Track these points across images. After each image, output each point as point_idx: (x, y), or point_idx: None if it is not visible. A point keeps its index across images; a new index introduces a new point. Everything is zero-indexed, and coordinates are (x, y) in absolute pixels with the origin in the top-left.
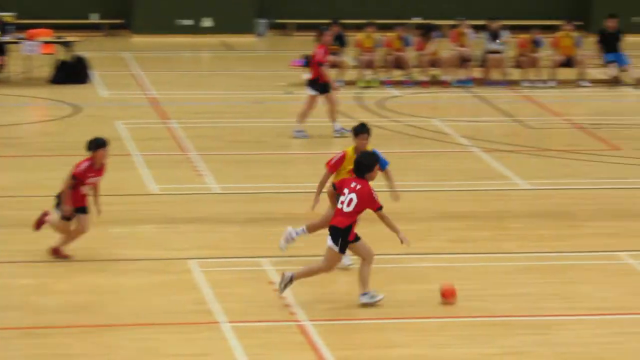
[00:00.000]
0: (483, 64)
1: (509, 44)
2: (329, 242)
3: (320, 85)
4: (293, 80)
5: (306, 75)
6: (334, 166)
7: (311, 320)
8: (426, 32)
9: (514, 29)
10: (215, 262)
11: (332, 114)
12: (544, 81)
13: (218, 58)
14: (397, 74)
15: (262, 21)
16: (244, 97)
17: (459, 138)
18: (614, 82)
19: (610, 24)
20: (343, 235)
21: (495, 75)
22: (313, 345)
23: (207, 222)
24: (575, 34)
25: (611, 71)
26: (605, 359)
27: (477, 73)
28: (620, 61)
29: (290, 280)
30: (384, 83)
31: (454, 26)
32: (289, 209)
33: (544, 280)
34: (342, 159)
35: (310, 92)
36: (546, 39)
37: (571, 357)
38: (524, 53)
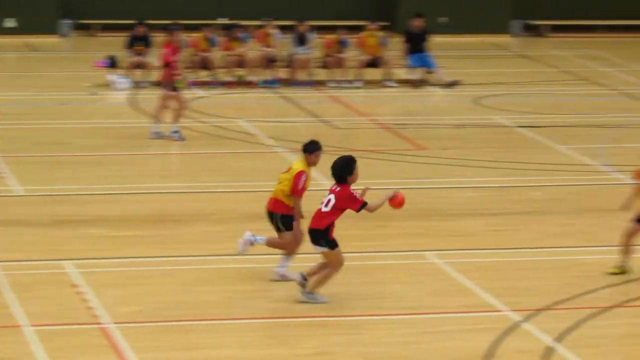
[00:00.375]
0: (289, 64)
1: (315, 45)
2: (315, 248)
3: (169, 84)
4: (97, 81)
5: (111, 75)
6: (302, 190)
7: (115, 323)
8: (232, 32)
9: (320, 29)
10: (18, 265)
11: (174, 114)
12: (350, 81)
13: (22, 59)
14: (203, 75)
15: (66, 22)
16: (49, 99)
17: (265, 139)
18: (420, 82)
19: (417, 23)
20: (324, 235)
21: (301, 75)
22: (116, 348)
23: (10, 225)
24: (380, 33)
25: (416, 73)
26: (412, 358)
27: (283, 73)
28: (425, 62)
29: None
30: (190, 84)
31: (259, 27)
32: (94, 211)
33: (352, 280)
34: (306, 180)
35: (166, 92)
36: (352, 39)
37: (379, 357)
38: (330, 53)
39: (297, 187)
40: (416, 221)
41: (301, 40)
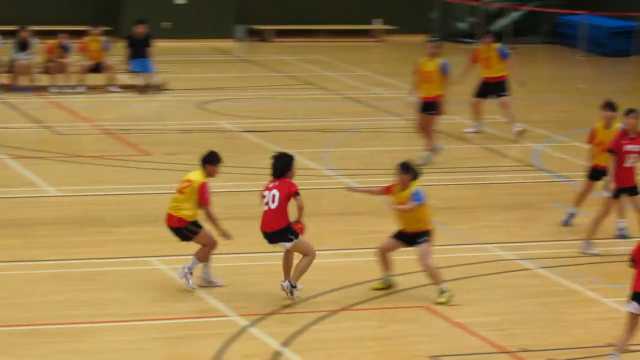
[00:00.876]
0: (10, 70)
1: (37, 50)
2: (281, 246)
3: None
4: None
5: None
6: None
7: None
8: None
9: (41, 34)
10: None
11: None
12: (73, 87)
13: None
14: None
15: None
16: None
17: None
18: (143, 87)
19: (139, 29)
20: (288, 230)
21: (23, 81)
22: None
23: None
24: (103, 38)
25: (139, 78)
26: None
27: (4, 79)
28: (145, 68)
29: (292, 287)
30: None
31: None
32: None
33: (74, 287)
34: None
35: None
36: (75, 44)
37: None
38: (52, 59)
39: (206, 197)
40: (140, 227)
41: (22, 46)
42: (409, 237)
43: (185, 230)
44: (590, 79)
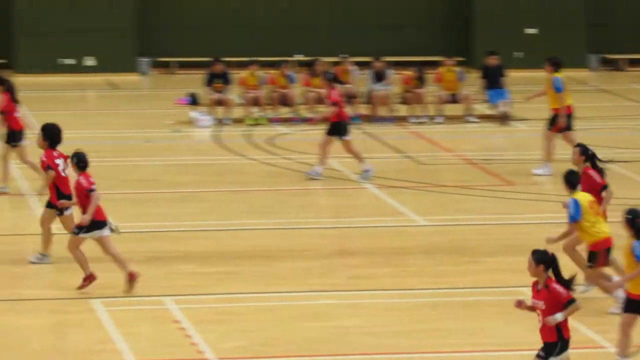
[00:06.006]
0: (369, 101)
1: (393, 81)
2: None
3: None
4: (179, 119)
5: (193, 113)
6: None
7: (220, 359)
8: (313, 69)
9: (396, 65)
10: (118, 301)
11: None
12: (431, 117)
13: (103, 97)
14: (284, 111)
15: (144, 60)
16: (131, 136)
17: (352, 175)
18: (501, 117)
19: (492, 61)
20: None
21: (381, 111)
22: None
23: (104, 261)
24: (457, 69)
25: (496, 109)
26: None
27: (364, 110)
28: (501, 98)
29: None
30: (272, 120)
31: (337, 63)
32: (187, 247)
33: (446, 316)
34: None
35: None
36: (429, 75)
37: None
38: (409, 89)
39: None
40: (507, 257)
41: (379, 77)
42: None
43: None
44: None
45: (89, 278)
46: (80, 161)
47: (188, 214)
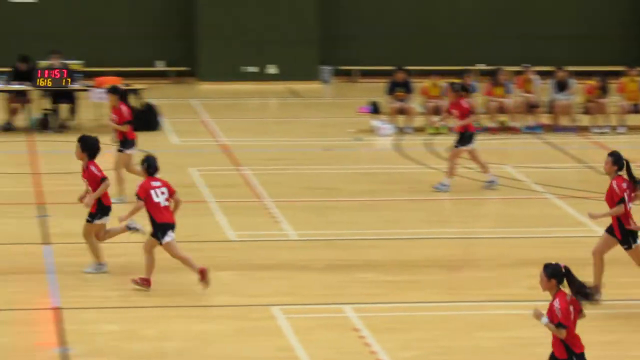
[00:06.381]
0: (551, 110)
1: (576, 91)
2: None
3: None
4: (361, 127)
5: (374, 121)
6: None
7: None
8: (496, 78)
9: (578, 75)
10: (297, 308)
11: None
12: (613, 127)
13: (284, 105)
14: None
15: (327, 68)
16: (312, 144)
17: (533, 185)
18: None
19: None
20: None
21: (563, 121)
22: None
23: (286, 269)
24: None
25: None
26: None
27: (545, 119)
28: None
29: None
30: (452, 129)
31: (519, 72)
32: (368, 256)
33: (627, 327)
34: None
35: None
36: (612, 84)
37: None
38: (591, 99)
39: None
40: None
41: (561, 86)
42: None
43: None
44: None
45: (146, 281)
46: (150, 166)
47: (367, 222)
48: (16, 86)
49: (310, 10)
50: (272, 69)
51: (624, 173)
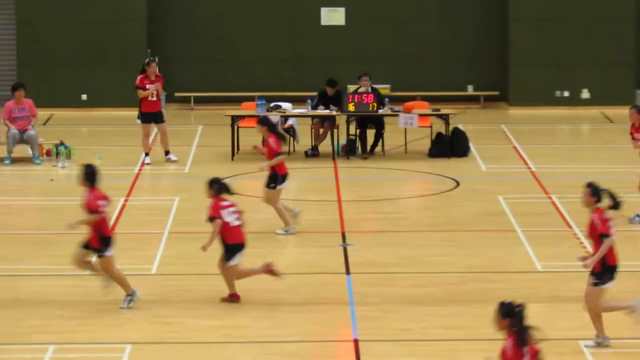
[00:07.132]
0: None
1: None
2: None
3: None
4: None
5: None
6: None
7: None
8: None
9: None
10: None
11: None
12: None
13: (597, 130)
14: None
15: None
16: (627, 172)
17: None
18: None
19: None
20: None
21: None
22: None
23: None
24: None
25: None
26: None
27: None
28: None
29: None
30: None
31: None
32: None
33: None
34: None
35: None
36: None
37: None
38: None
39: None
40: None
41: None
42: None
43: None
44: None
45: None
46: (220, 187)
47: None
48: (321, 111)
49: (629, 35)
50: (585, 94)
51: (603, 204)
